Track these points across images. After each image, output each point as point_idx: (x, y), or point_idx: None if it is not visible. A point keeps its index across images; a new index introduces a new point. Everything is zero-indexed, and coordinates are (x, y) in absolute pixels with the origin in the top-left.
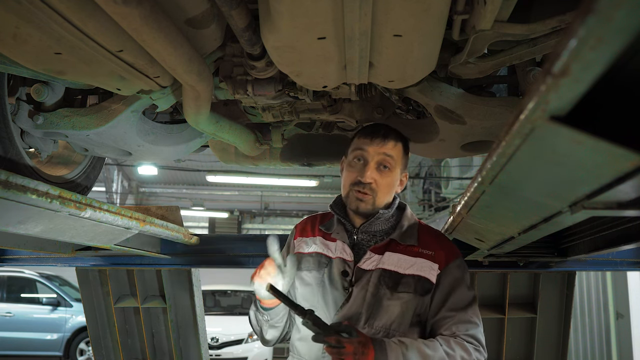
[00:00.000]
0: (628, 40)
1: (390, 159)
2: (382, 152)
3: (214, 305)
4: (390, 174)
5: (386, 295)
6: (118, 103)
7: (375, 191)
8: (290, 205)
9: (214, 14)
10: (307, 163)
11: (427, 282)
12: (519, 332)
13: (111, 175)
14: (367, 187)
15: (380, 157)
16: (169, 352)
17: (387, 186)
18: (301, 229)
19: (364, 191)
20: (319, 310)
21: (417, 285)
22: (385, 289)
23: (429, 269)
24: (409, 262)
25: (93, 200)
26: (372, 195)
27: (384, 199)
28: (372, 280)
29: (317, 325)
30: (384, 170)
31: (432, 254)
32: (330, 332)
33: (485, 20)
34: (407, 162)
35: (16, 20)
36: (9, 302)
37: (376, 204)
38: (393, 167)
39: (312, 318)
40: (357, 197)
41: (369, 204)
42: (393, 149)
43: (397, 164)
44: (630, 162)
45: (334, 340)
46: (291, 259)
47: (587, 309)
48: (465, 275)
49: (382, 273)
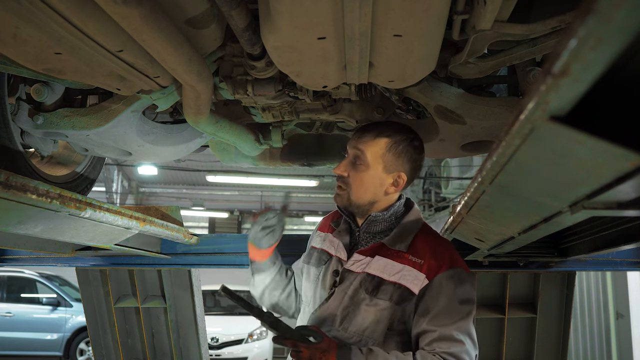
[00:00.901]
0: (628, 40)
1: (361, 153)
2: (355, 146)
3: (214, 305)
4: (364, 169)
5: (365, 301)
6: (118, 103)
7: (350, 185)
8: (291, 205)
9: (214, 14)
10: (307, 163)
11: (406, 292)
12: (519, 332)
13: (111, 175)
14: (341, 181)
15: (354, 151)
16: (169, 352)
17: (360, 181)
18: (323, 223)
19: (339, 184)
20: (310, 306)
21: (395, 294)
22: (365, 294)
23: (413, 279)
24: (395, 268)
25: (93, 200)
26: (347, 190)
27: (361, 195)
28: (354, 284)
29: (275, 328)
30: (358, 165)
31: (420, 262)
32: (290, 335)
33: (485, 20)
34: (400, 162)
35: (16, 20)
36: (9, 302)
37: (352, 199)
38: (367, 163)
39: (269, 320)
40: (335, 191)
41: (344, 198)
42: (368, 143)
43: (374, 160)
44: (630, 162)
45: (290, 344)
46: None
47: (587, 309)
48: (457, 289)
49: (366, 277)
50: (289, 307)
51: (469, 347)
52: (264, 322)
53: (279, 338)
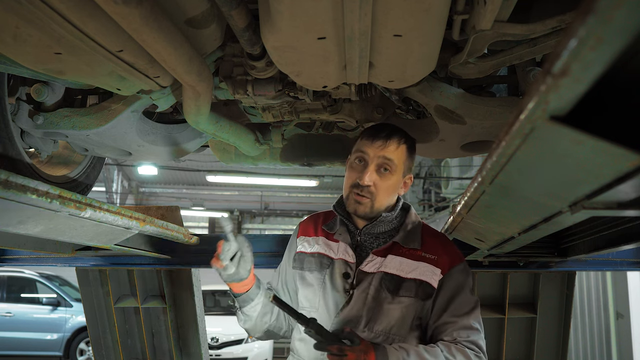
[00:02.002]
0: (628, 40)
1: (391, 162)
2: (382, 155)
3: (214, 305)
4: (390, 177)
5: (387, 299)
6: (118, 103)
7: (374, 194)
8: (290, 205)
9: (214, 14)
10: (307, 163)
11: (428, 287)
12: (519, 332)
13: (111, 175)
14: (366, 190)
15: (380, 160)
16: (169, 352)
17: (387, 189)
18: (304, 228)
19: (362, 194)
20: (319, 311)
21: (419, 290)
22: (387, 293)
23: (431, 274)
24: (411, 265)
25: (93, 200)
26: (371, 199)
27: (383, 202)
28: (374, 284)
29: (320, 334)
30: (384, 173)
31: (435, 258)
32: (333, 340)
33: (485, 20)
34: (412, 165)
35: (16, 20)
36: (9, 302)
37: (375, 207)
38: (394, 170)
39: (315, 327)
40: (355, 199)
41: (367, 207)
42: (395, 151)
43: (399, 167)
44: (630, 162)
45: (336, 349)
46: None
47: (587, 309)
48: (468, 280)
49: (384, 276)
50: (279, 329)
51: (482, 334)
52: (310, 329)
53: (323, 344)
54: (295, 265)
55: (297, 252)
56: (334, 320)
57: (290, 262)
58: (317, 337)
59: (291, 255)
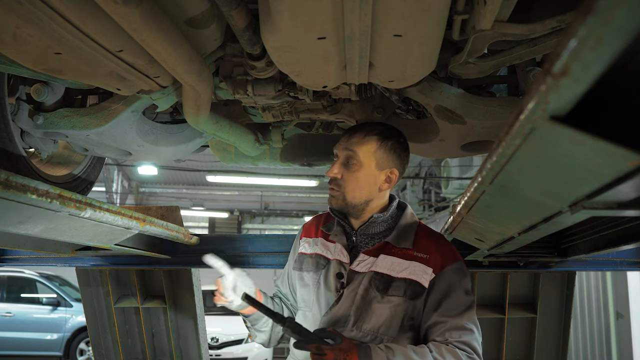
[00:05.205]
0: (628, 40)
1: (354, 153)
2: (346, 147)
3: (214, 305)
4: (358, 169)
5: (376, 299)
6: (118, 103)
7: (342, 186)
8: (290, 205)
9: (214, 14)
10: (307, 163)
11: (418, 286)
12: (519, 332)
13: (111, 175)
14: (334, 183)
15: (345, 152)
16: (169, 352)
17: (356, 181)
18: (307, 229)
19: (332, 186)
20: (313, 311)
21: (408, 289)
22: (376, 292)
23: (422, 273)
24: (402, 265)
25: (93, 200)
26: (340, 191)
27: (355, 194)
28: (363, 283)
29: (298, 333)
30: (349, 165)
31: (426, 257)
32: (312, 339)
33: (485, 20)
34: (392, 159)
35: (16, 20)
36: (9, 302)
37: (348, 200)
38: (359, 162)
39: (292, 326)
40: (329, 193)
41: (339, 199)
42: (358, 143)
43: (366, 159)
44: (630, 162)
45: (314, 348)
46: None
47: (587, 309)
48: (462, 280)
49: (374, 276)
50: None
51: (477, 335)
52: (287, 327)
53: (302, 343)
54: (295, 267)
55: (299, 253)
56: (322, 319)
57: (292, 264)
58: (295, 336)
59: (294, 257)
